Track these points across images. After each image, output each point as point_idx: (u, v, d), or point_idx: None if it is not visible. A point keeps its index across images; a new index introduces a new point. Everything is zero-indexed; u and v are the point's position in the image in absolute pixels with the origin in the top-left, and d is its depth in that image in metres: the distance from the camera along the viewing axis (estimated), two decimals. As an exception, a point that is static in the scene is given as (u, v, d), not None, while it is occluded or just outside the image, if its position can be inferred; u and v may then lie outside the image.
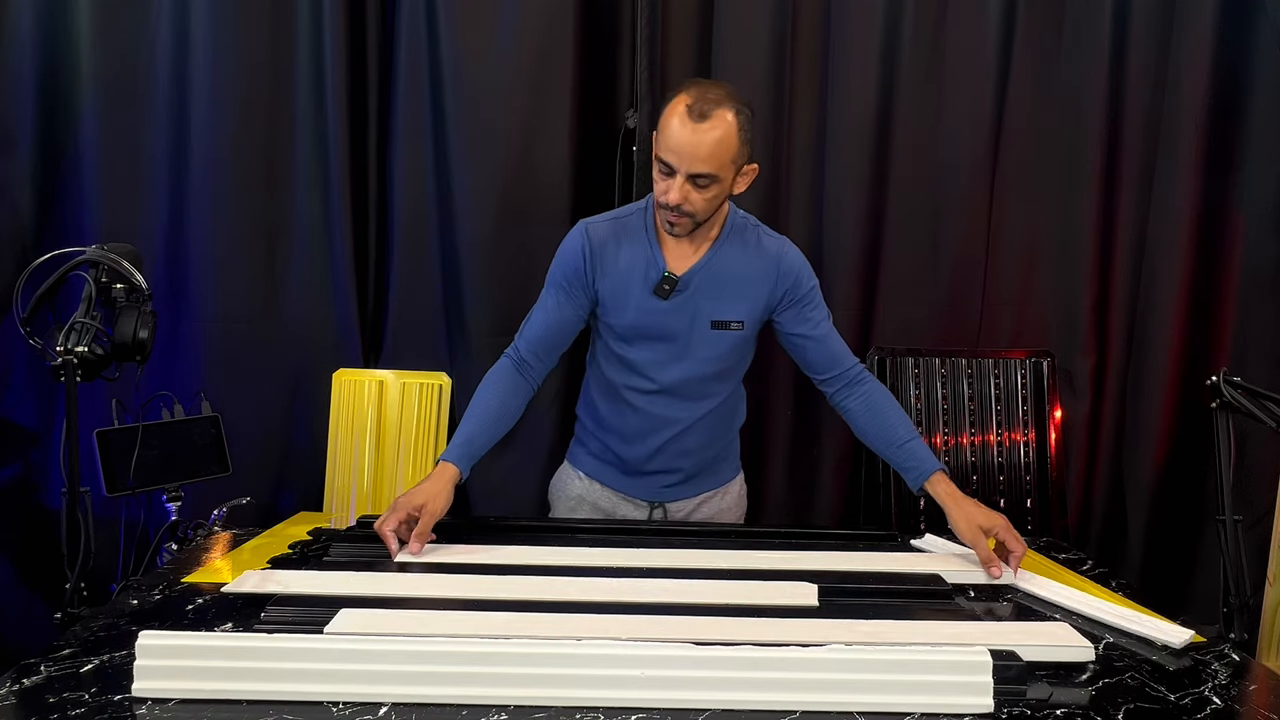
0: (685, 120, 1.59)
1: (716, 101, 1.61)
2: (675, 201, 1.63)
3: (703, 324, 1.78)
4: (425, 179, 2.51)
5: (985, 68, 2.55)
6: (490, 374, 1.80)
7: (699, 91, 1.62)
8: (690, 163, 1.61)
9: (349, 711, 1.07)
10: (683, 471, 1.90)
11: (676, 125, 1.60)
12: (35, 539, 2.46)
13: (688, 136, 1.59)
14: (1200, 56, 2.49)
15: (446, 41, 2.43)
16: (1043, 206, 2.62)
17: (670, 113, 1.62)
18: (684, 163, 1.61)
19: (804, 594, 1.41)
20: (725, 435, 1.95)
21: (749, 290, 1.80)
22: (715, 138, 1.60)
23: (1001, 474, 2.55)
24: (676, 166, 1.61)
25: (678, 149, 1.60)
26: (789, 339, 1.85)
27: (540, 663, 1.10)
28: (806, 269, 1.85)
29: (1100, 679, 1.20)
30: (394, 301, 2.56)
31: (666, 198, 1.64)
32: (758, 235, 1.83)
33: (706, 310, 1.78)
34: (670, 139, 1.61)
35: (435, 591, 1.38)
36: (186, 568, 1.56)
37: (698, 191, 1.64)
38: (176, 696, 1.08)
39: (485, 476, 2.55)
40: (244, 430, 2.41)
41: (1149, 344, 2.62)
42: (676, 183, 1.62)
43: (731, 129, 1.62)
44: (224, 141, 2.44)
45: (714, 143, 1.60)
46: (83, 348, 1.55)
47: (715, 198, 1.67)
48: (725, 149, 1.62)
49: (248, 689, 1.09)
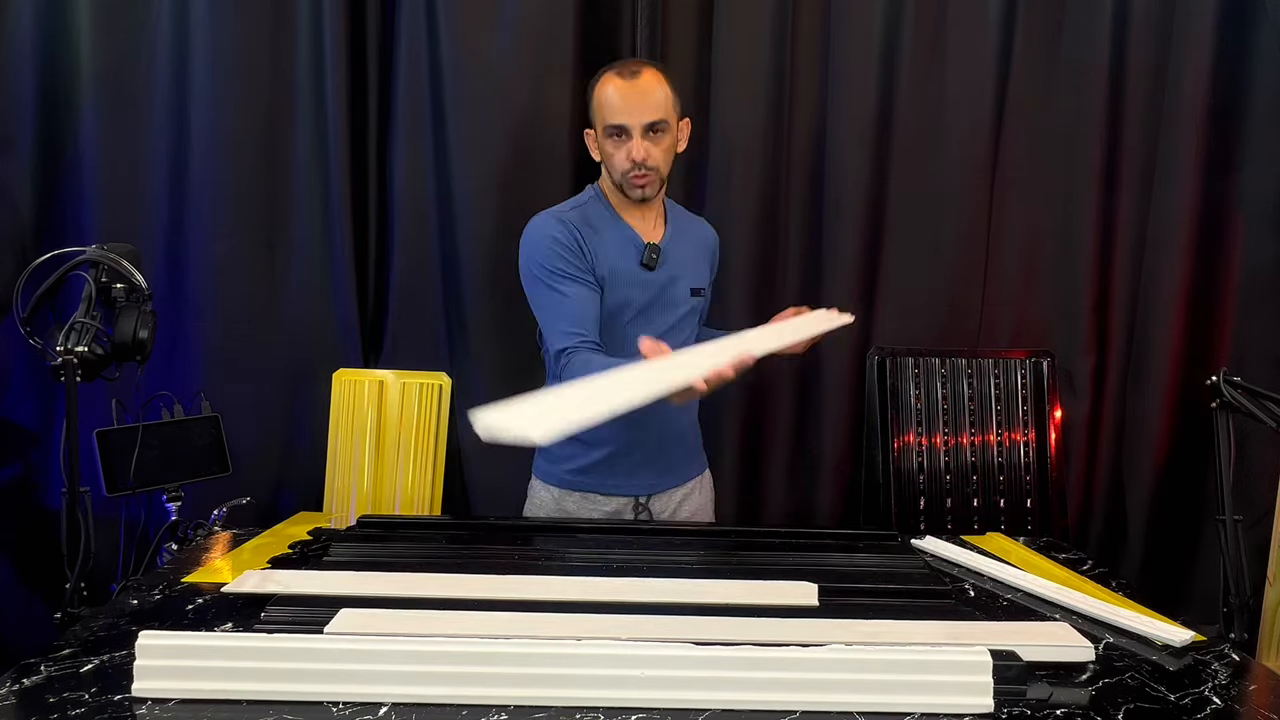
0: (620, 81, 1.74)
1: (638, 63, 1.79)
2: (641, 157, 1.74)
3: (684, 291, 1.90)
4: (425, 179, 2.51)
5: (985, 68, 2.55)
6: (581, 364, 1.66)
7: (618, 65, 1.79)
8: (640, 113, 1.73)
9: (349, 711, 1.07)
10: (660, 457, 1.93)
11: (615, 89, 1.74)
12: (35, 539, 2.46)
13: (630, 90, 1.73)
14: (1200, 56, 2.49)
15: (446, 41, 2.43)
16: (1043, 206, 2.62)
17: (601, 89, 1.77)
18: (635, 116, 1.73)
19: (804, 594, 1.41)
20: (690, 412, 2.03)
21: (702, 258, 1.98)
22: (653, 84, 1.75)
23: (1001, 474, 2.55)
24: (629, 124, 1.74)
25: (625, 107, 1.73)
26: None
27: (540, 663, 1.10)
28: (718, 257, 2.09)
29: (1100, 679, 1.21)
30: (394, 301, 2.56)
31: (630, 158, 1.75)
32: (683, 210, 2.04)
33: (684, 278, 1.90)
34: (614, 101, 1.74)
35: (435, 591, 1.38)
36: (186, 568, 1.56)
37: (654, 144, 1.76)
38: (176, 696, 1.08)
39: (485, 477, 2.55)
40: (244, 430, 2.41)
41: (1149, 344, 2.62)
42: (635, 141, 1.74)
43: (661, 78, 1.77)
44: (224, 141, 2.44)
45: (655, 89, 1.75)
46: (83, 348, 1.55)
47: (669, 149, 1.80)
48: (665, 95, 1.76)
49: (248, 689, 1.09)
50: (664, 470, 1.96)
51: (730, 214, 2.52)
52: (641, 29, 2.46)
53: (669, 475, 1.97)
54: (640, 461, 1.92)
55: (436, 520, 2.22)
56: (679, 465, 2.00)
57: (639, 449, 1.91)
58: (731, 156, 2.52)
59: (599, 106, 1.79)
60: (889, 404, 2.53)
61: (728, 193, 2.53)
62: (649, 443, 1.90)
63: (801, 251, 2.61)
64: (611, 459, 1.90)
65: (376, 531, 1.71)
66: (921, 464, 2.52)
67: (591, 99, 1.82)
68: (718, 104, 2.51)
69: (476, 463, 2.57)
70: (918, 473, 2.51)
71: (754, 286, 2.57)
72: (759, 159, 2.52)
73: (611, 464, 1.91)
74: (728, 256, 2.52)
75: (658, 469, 1.95)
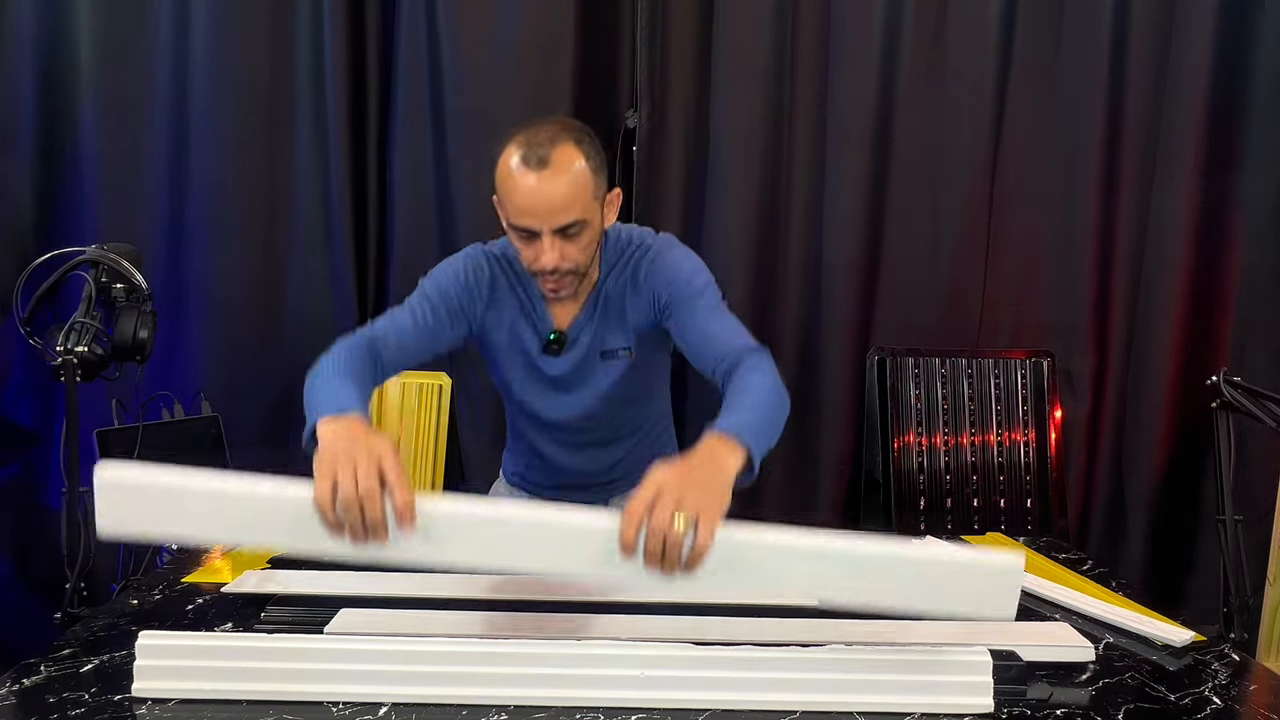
0: (525, 173, 1.37)
1: (550, 140, 1.38)
2: (552, 264, 1.41)
3: (594, 358, 1.61)
4: (425, 179, 2.51)
5: (985, 68, 2.55)
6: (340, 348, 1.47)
7: (527, 137, 1.39)
8: (549, 217, 1.38)
9: (349, 711, 1.07)
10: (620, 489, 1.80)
11: (518, 182, 1.38)
12: (35, 539, 2.46)
13: (535, 189, 1.37)
14: (1200, 56, 2.49)
15: (446, 41, 2.43)
16: (1043, 206, 2.62)
17: (504, 171, 1.40)
18: (543, 220, 1.39)
19: (804, 594, 1.41)
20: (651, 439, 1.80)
21: (632, 317, 1.60)
22: (567, 180, 1.38)
23: (1001, 474, 2.55)
24: (536, 227, 1.39)
25: (530, 208, 1.38)
26: (681, 347, 1.58)
27: (540, 663, 1.10)
28: (676, 269, 1.55)
29: (1100, 679, 1.20)
30: (394, 301, 2.55)
31: (540, 264, 1.42)
32: (639, 256, 1.58)
33: (597, 350, 1.61)
34: (517, 199, 1.39)
35: (435, 591, 1.38)
36: (186, 568, 1.56)
37: (571, 244, 1.42)
38: (176, 696, 1.08)
39: (485, 476, 2.55)
40: (244, 430, 2.41)
41: (1149, 344, 2.62)
42: (545, 244, 1.40)
43: (579, 162, 1.39)
44: (224, 141, 2.45)
45: (567, 185, 1.38)
46: (83, 348, 1.55)
47: (591, 242, 1.46)
48: (582, 187, 1.40)
49: (247, 689, 1.08)
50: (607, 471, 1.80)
51: (730, 214, 2.52)
52: (641, 29, 2.46)
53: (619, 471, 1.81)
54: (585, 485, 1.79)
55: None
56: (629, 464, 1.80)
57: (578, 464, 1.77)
58: (731, 156, 2.52)
59: (501, 191, 1.43)
60: (889, 404, 2.53)
61: (727, 192, 2.53)
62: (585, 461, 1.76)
63: (802, 251, 2.61)
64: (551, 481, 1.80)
65: (376, 531, 1.71)
66: (921, 464, 2.52)
67: (497, 170, 1.43)
68: (717, 104, 2.51)
69: (476, 463, 2.57)
70: (918, 473, 2.51)
71: (754, 286, 2.57)
72: (759, 159, 2.52)
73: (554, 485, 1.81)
74: (728, 257, 2.53)
75: (600, 474, 1.80)
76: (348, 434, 1.14)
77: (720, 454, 1.17)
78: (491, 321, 1.61)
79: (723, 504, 1.11)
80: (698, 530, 1.05)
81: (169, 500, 1.08)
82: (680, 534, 1.04)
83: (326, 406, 1.23)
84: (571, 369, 1.62)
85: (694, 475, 1.11)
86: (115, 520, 1.08)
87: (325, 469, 1.08)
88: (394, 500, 1.06)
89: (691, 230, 2.58)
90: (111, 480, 1.08)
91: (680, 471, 1.10)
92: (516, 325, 1.61)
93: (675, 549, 1.04)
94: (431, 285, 1.58)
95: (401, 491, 1.06)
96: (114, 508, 1.08)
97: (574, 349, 1.60)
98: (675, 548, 1.04)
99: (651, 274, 1.56)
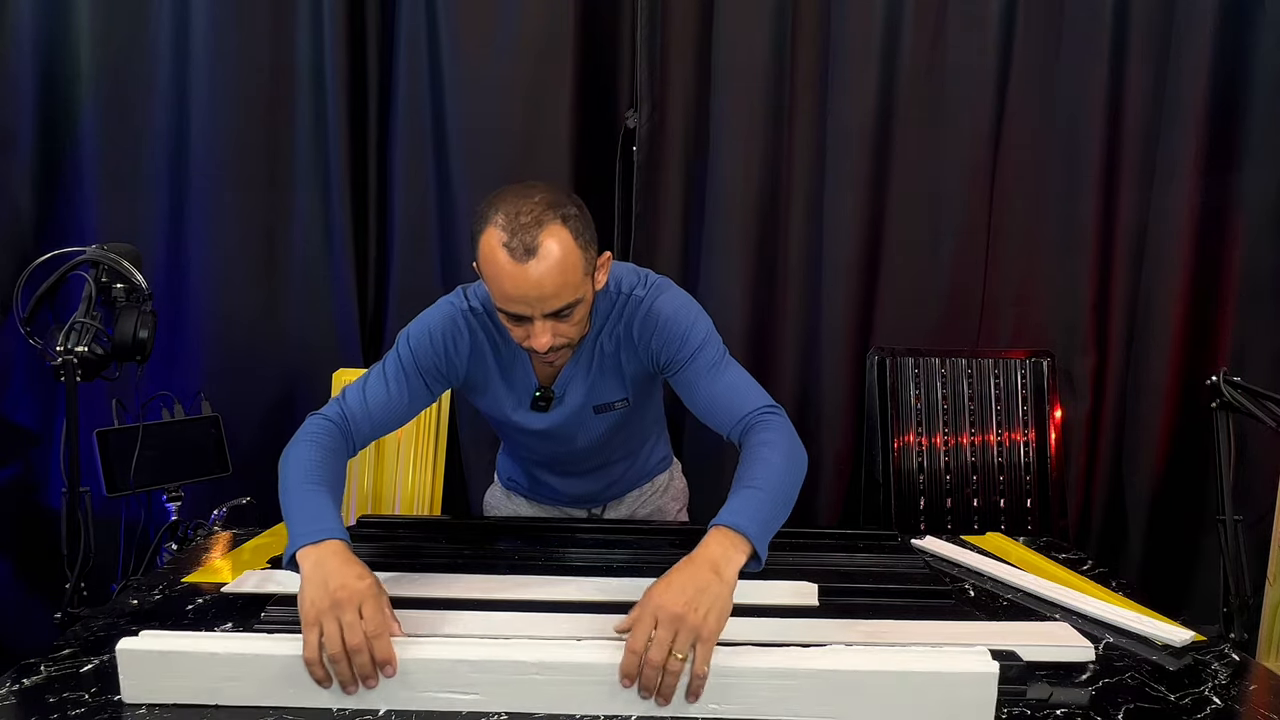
0: (512, 263, 1.28)
1: (536, 222, 1.28)
2: (546, 345, 1.35)
3: (586, 412, 1.59)
4: (425, 179, 2.51)
5: (985, 68, 2.55)
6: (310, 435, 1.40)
7: (509, 219, 1.28)
8: (540, 304, 1.31)
9: (349, 711, 1.07)
10: (614, 492, 1.86)
11: (504, 270, 1.29)
12: (35, 539, 2.46)
13: (524, 280, 1.29)
14: (1200, 56, 2.49)
15: (446, 42, 2.43)
16: (1043, 206, 2.62)
17: (487, 254, 1.30)
18: (533, 307, 1.32)
19: (804, 594, 1.41)
20: (645, 450, 1.82)
21: (626, 370, 1.56)
22: (557, 268, 1.29)
23: (1001, 474, 2.55)
24: (528, 314, 1.33)
25: (520, 298, 1.31)
26: (684, 401, 1.55)
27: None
28: (674, 327, 1.49)
29: (1100, 679, 1.20)
30: (394, 301, 2.56)
31: (533, 344, 1.36)
32: (632, 308, 1.51)
33: (588, 404, 1.58)
34: (506, 289, 1.30)
35: (435, 591, 1.38)
36: (186, 568, 1.56)
37: (564, 322, 1.36)
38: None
39: (485, 477, 2.54)
40: (244, 430, 2.41)
41: (1149, 344, 2.62)
42: (536, 327, 1.34)
43: (567, 245, 1.30)
44: (224, 142, 2.45)
45: (558, 274, 1.29)
46: (83, 348, 1.55)
47: (584, 316, 1.41)
48: (572, 269, 1.31)
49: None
50: (601, 491, 1.85)
51: (730, 214, 2.52)
52: (641, 29, 2.46)
53: (612, 490, 1.86)
54: (574, 493, 1.84)
55: (436, 520, 2.22)
56: (622, 483, 1.86)
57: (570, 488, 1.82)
58: (731, 156, 2.52)
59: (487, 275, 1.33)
60: (889, 404, 2.53)
61: (727, 192, 2.53)
62: (577, 485, 1.81)
63: (802, 251, 2.61)
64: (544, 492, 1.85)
65: (376, 531, 1.71)
66: (921, 464, 2.52)
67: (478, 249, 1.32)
68: (717, 104, 2.51)
69: (476, 463, 2.57)
70: (918, 473, 2.51)
71: (754, 286, 2.57)
72: (759, 159, 2.52)
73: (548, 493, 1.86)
74: (728, 257, 2.53)
75: (593, 493, 1.85)
76: (327, 575, 1.14)
77: (722, 560, 1.16)
78: (474, 373, 1.56)
79: (722, 623, 1.11)
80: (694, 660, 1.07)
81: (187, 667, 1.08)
82: (677, 672, 1.06)
83: (303, 529, 1.22)
84: (562, 422, 1.59)
85: (695, 598, 1.10)
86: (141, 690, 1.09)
87: (311, 621, 1.10)
88: (375, 654, 1.08)
89: (691, 230, 2.58)
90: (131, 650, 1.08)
91: (679, 594, 1.10)
92: (500, 380, 1.56)
93: (671, 687, 1.07)
94: (406, 351, 1.52)
95: (381, 646, 1.08)
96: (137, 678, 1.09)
97: (563, 405, 1.57)
98: (672, 683, 1.07)
99: (645, 330, 1.50)
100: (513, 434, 1.69)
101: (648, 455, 1.86)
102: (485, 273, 1.33)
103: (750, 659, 1.10)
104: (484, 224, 1.31)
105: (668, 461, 1.96)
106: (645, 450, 1.84)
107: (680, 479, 2.00)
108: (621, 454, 1.77)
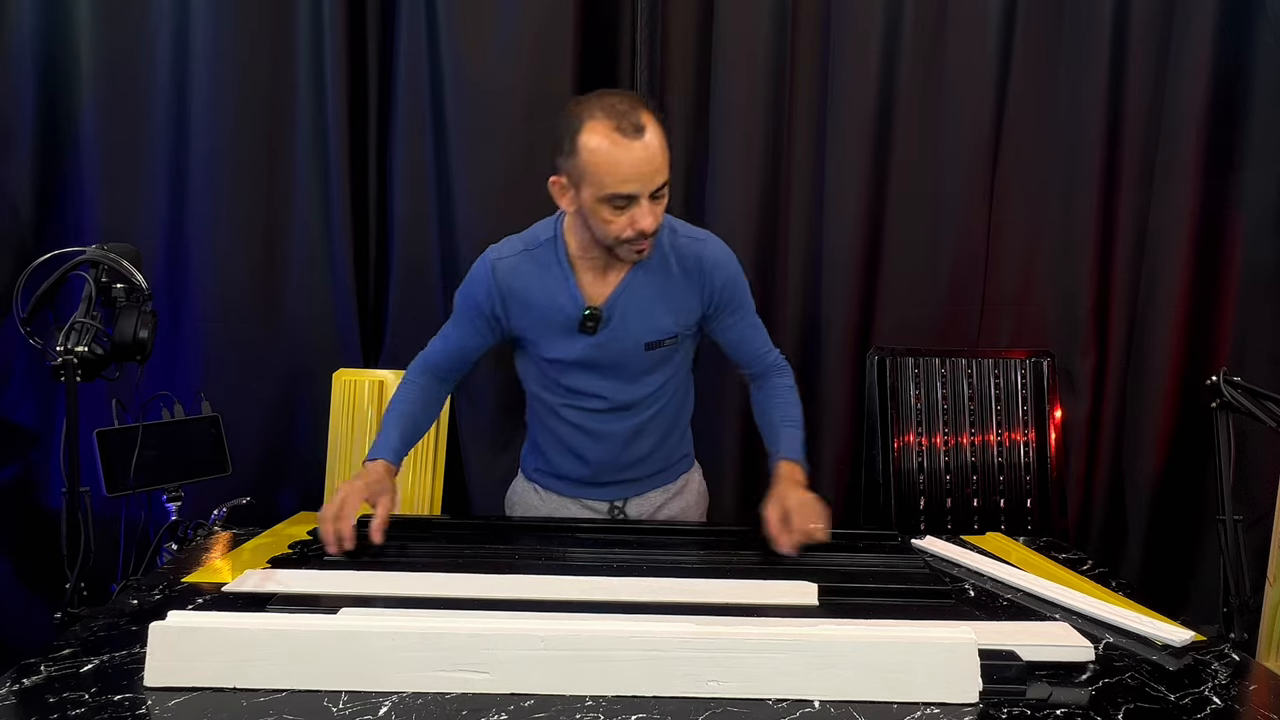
0: (625, 142, 1.44)
1: (632, 107, 1.47)
2: (654, 225, 1.51)
3: (637, 348, 1.70)
4: (425, 179, 2.51)
5: (985, 67, 2.55)
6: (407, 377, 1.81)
7: (608, 111, 1.46)
8: (651, 180, 1.47)
9: (349, 711, 1.07)
10: (639, 474, 1.87)
11: (618, 153, 1.44)
12: (35, 539, 2.46)
13: (641, 153, 1.45)
14: (1200, 56, 2.49)
15: (446, 41, 2.43)
16: (1043, 206, 2.62)
17: (594, 145, 1.45)
18: (645, 183, 1.46)
19: (804, 593, 1.41)
20: (677, 429, 1.90)
21: (676, 302, 1.70)
22: (660, 143, 1.48)
23: (1001, 474, 2.55)
24: (638, 192, 1.47)
25: (635, 175, 1.45)
26: (715, 339, 1.82)
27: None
28: (732, 269, 1.74)
29: (1100, 679, 1.20)
30: (394, 301, 2.56)
31: (639, 227, 1.50)
32: (672, 238, 1.69)
33: (637, 333, 1.68)
34: (622, 170, 1.45)
35: (435, 591, 1.38)
36: (186, 568, 1.56)
37: (658, 204, 1.52)
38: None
39: (485, 477, 2.55)
40: (244, 430, 2.41)
41: (1149, 344, 2.62)
42: (644, 208, 1.48)
43: (659, 126, 1.49)
44: (224, 141, 2.44)
45: (661, 148, 1.48)
46: (83, 348, 1.55)
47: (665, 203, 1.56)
48: (666, 149, 1.50)
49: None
50: (630, 482, 1.88)
51: (730, 213, 2.52)
52: (641, 29, 2.46)
53: (642, 484, 1.89)
54: (604, 480, 1.86)
55: (436, 520, 2.22)
56: (650, 476, 1.89)
57: (602, 471, 1.84)
58: (731, 156, 2.52)
59: (593, 168, 1.46)
60: (889, 404, 2.53)
61: (728, 191, 2.53)
62: (608, 468, 1.83)
63: (802, 251, 2.61)
64: (573, 472, 1.86)
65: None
66: (921, 464, 2.52)
67: (577, 151, 1.48)
68: (717, 102, 2.51)
69: (476, 463, 2.57)
70: (918, 473, 2.51)
71: (754, 286, 2.56)
72: (759, 158, 2.52)
73: (575, 476, 1.87)
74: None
75: (622, 483, 1.87)
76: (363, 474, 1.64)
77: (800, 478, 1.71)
78: (515, 315, 1.71)
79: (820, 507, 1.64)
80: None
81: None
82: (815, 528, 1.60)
83: (372, 450, 1.69)
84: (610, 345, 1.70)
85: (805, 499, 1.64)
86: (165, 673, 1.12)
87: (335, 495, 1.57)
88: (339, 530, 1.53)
89: (691, 230, 2.58)
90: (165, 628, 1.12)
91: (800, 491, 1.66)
92: (547, 308, 1.68)
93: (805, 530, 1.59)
94: (456, 306, 1.78)
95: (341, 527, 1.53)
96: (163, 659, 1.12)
97: (610, 327, 1.68)
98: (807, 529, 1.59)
99: (712, 266, 1.70)
100: (554, 382, 1.75)
101: (675, 443, 1.91)
102: (592, 165, 1.47)
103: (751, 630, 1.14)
104: (580, 124, 1.47)
105: (690, 460, 2.00)
106: (675, 435, 1.90)
107: (700, 481, 2.03)
108: (654, 422, 1.81)
